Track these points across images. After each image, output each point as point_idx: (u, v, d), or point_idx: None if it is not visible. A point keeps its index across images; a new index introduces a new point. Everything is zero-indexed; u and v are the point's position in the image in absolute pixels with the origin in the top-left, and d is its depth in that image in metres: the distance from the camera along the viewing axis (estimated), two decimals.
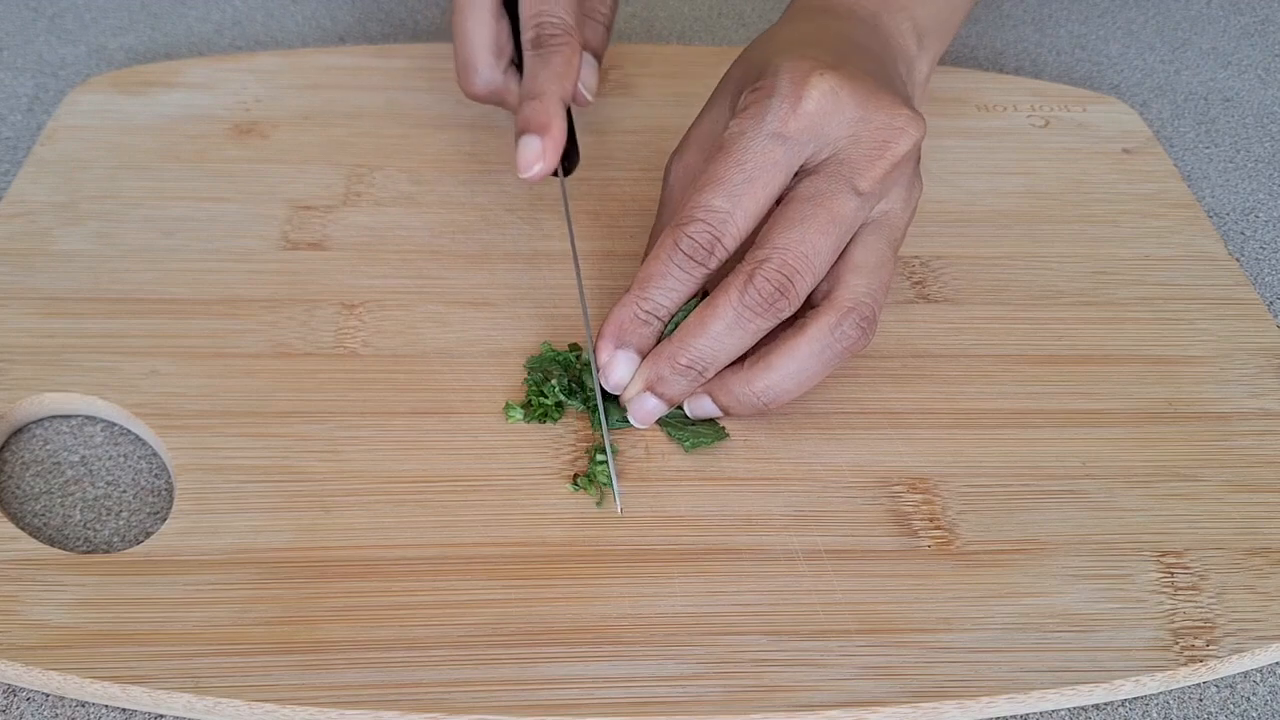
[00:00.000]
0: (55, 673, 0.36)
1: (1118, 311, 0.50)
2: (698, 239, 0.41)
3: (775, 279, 0.40)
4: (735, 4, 0.73)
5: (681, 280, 0.41)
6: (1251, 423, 0.46)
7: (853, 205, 0.41)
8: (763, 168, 0.41)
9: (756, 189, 0.41)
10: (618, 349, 0.42)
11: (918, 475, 0.43)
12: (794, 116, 0.41)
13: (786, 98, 0.41)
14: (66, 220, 0.52)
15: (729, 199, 0.40)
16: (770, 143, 0.41)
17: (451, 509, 0.41)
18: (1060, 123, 0.61)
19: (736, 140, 0.41)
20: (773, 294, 0.40)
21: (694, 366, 0.41)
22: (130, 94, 0.59)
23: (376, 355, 0.46)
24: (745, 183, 0.40)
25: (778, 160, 0.41)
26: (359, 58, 0.62)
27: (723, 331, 0.41)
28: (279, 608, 0.38)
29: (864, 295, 0.41)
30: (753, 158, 0.41)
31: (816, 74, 0.41)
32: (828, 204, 0.41)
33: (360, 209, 0.53)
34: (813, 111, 0.41)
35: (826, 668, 0.37)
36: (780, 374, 0.41)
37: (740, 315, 0.40)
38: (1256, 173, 0.62)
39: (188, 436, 0.43)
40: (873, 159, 0.41)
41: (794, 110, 0.41)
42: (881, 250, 0.42)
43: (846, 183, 0.41)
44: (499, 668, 0.37)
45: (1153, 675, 0.38)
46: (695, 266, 0.41)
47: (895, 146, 0.41)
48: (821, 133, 0.41)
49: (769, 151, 0.41)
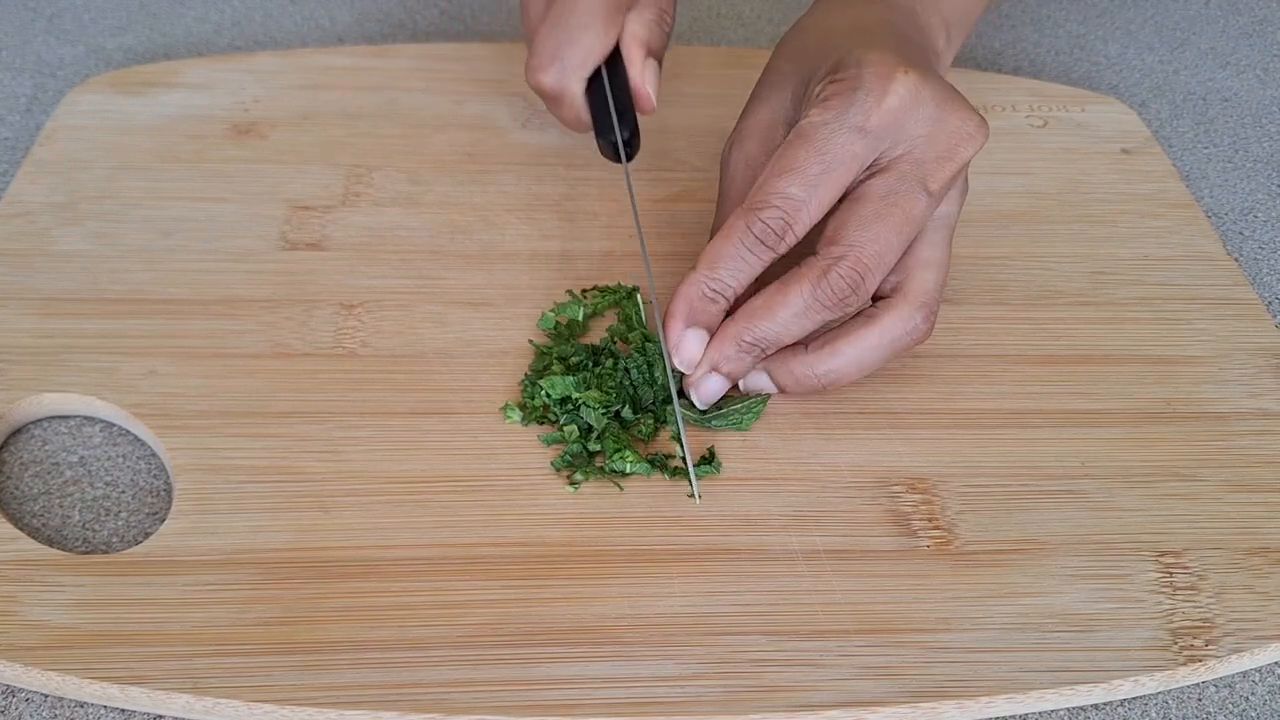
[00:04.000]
0: (54, 673, 0.36)
1: (1116, 311, 0.50)
2: (770, 224, 0.41)
3: (850, 277, 0.41)
4: (735, 4, 0.73)
5: (749, 262, 0.42)
6: (1250, 423, 0.46)
7: (924, 205, 0.42)
8: (841, 160, 0.41)
9: (832, 180, 0.41)
10: (687, 327, 0.43)
11: (917, 475, 0.43)
12: (878, 111, 0.41)
13: (872, 92, 0.41)
14: (65, 220, 0.52)
15: (805, 188, 0.41)
16: (852, 136, 0.41)
17: (451, 509, 0.41)
18: (1059, 123, 0.61)
19: (818, 130, 0.41)
20: (845, 291, 0.41)
21: (758, 344, 0.42)
22: (129, 94, 0.59)
23: (375, 355, 0.46)
24: (823, 173, 0.41)
25: (857, 154, 0.41)
26: (358, 58, 0.62)
27: (790, 319, 0.42)
28: (278, 608, 0.38)
29: (934, 290, 0.43)
30: (833, 149, 0.41)
31: (901, 71, 0.41)
32: (902, 204, 0.41)
33: (359, 209, 0.53)
34: (895, 108, 0.41)
35: (826, 668, 0.37)
36: (845, 360, 0.43)
37: (810, 306, 0.41)
38: (1255, 173, 0.62)
39: (187, 437, 0.43)
40: (944, 160, 0.42)
41: (878, 105, 0.41)
42: (944, 247, 0.44)
43: (919, 183, 0.41)
44: (498, 668, 0.37)
45: (1152, 675, 0.38)
46: (764, 250, 0.42)
47: (964, 150, 0.42)
48: (900, 130, 0.41)
49: (850, 144, 0.41)
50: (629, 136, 0.49)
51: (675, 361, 0.43)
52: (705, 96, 0.60)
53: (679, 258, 0.51)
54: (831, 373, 0.43)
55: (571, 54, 0.49)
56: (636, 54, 0.50)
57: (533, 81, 0.50)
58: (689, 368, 0.43)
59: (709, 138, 0.58)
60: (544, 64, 0.49)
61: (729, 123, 0.55)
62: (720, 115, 0.59)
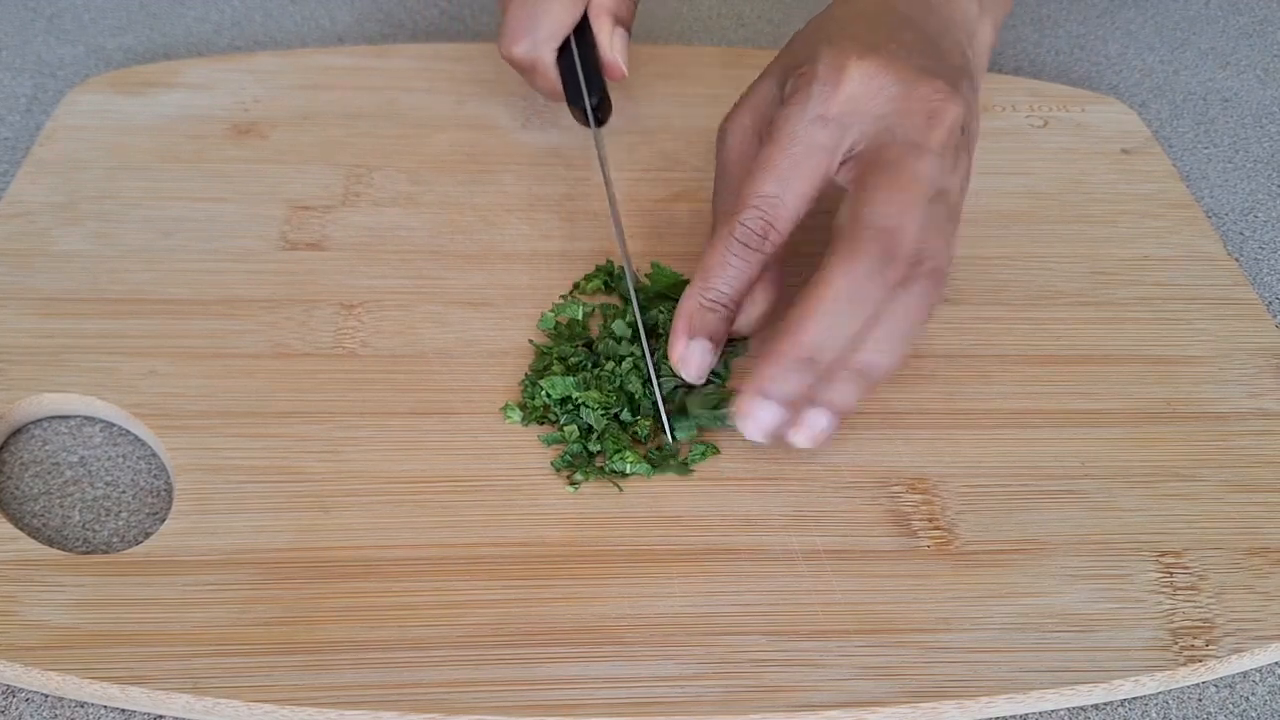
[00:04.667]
0: (54, 673, 0.36)
1: (1117, 312, 0.50)
2: (751, 226, 0.42)
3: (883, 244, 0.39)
4: (735, 4, 0.73)
5: (740, 267, 0.42)
6: (1250, 423, 0.46)
7: (930, 161, 0.41)
8: (808, 151, 0.42)
9: (803, 172, 0.42)
10: (691, 339, 0.43)
11: (917, 475, 0.43)
12: (835, 98, 0.42)
13: (827, 82, 0.42)
14: (65, 220, 0.52)
15: (779, 183, 0.42)
16: (813, 126, 0.42)
17: (451, 509, 0.41)
18: (1059, 123, 0.61)
19: (782, 126, 0.42)
20: (883, 261, 0.39)
21: (814, 358, 0.40)
22: (129, 94, 0.59)
23: (375, 355, 0.46)
24: (792, 166, 0.42)
25: (823, 142, 0.42)
26: (358, 58, 0.62)
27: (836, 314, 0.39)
28: (278, 608, 0.38)
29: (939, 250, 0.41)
30: (798, 141, 0.42)
31: (854, 58, 0.42)
32: (906, 165, 0.41)
33: (359, 209, 0.53)
34: (854, 93, 0.42)
35: (826, 668, 0.37)
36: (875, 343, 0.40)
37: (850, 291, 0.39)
38: (1255, 173, 0.62)
39: (187, 437, 0.43)
40: (930, 120, 0.42)
41: (835, 91, 0.42)
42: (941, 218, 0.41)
43: (913, 146, 0.41)
44: (499, 668, 0.37)
45: (1152, 675, 0.38)
46: (751, 253, 0.42)
47: (945, 111, 0.42)
48: (866, 112, 0.42)
49: (813, 134, 0.42)
50: (598, 103, 0.51)
51: (683, 374, 0.43)
52: (705, 96, 0.60)
53: (679, 258, 0.51)
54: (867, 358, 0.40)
55: (542, 25, 0.51)
56: (605, 23, 0.52)
57: (505, 53, 0.52)
58: (697, 380, 0.44)
59: (709, 138, 0.58)
60: (517, 36, 0.52)
61: None
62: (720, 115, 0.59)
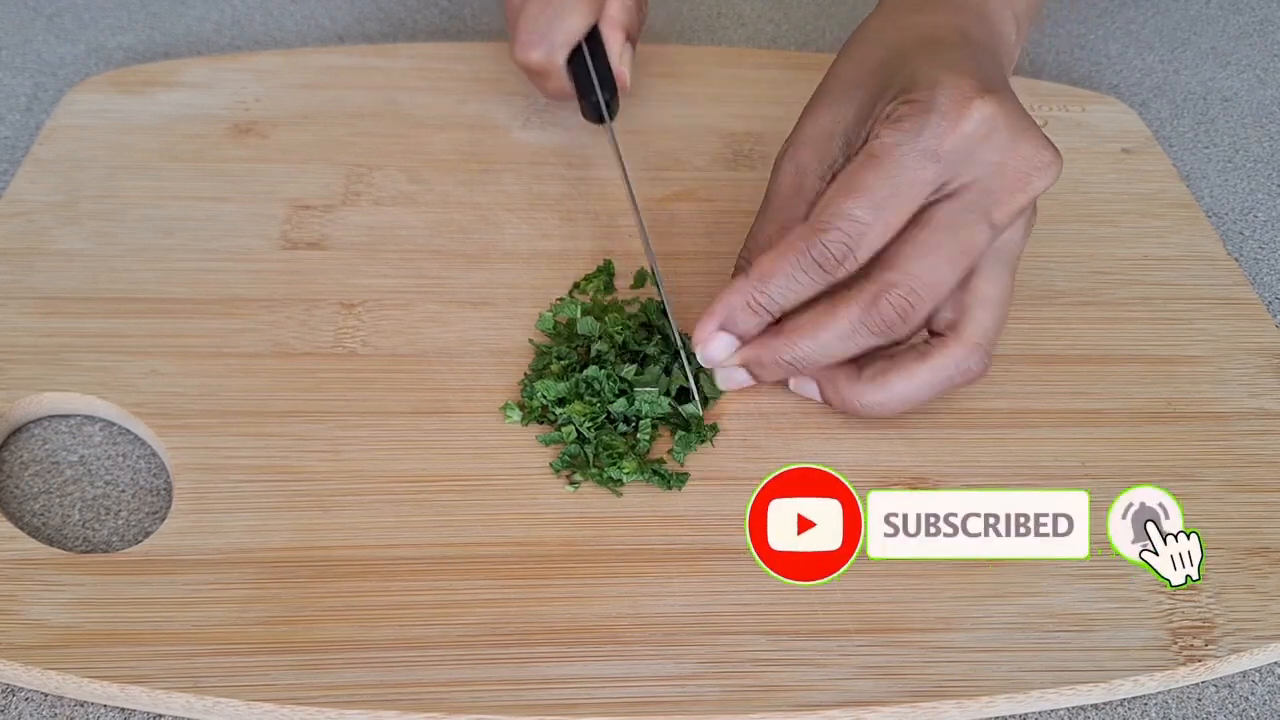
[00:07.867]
0: (54, 672, 0.36)
1: (1117, 311, 0.50)
2: (831, 249, 0.40)
3: (900, 306, 0.40)
4: (735, 4, 0.73)
5: (802, 283, 0.41)
6: (1250, 422, 0.46)
7: (985, 238, 0.41)
8: (911, 185, 0.40)
9: (900, 205, 0.40)
10: (721, 330, 0.43)
11: (917, 475, 0.43)
12: (951, 136, 0.39)
13: (947, 115, 0.39)
14: (65, 220, 0.52)
15: (872, 211, 0.40)
16: (923, 160, 0.39)
17: (450, 509, 0.41)
18: (1059, 122, 0.61)
19: (889, 152, 0.40)
20: (895, 320, 0.40)
21: (796, 364, 0.42)
22: (129, 93, 0.59)
23: (376, 355, 0.46)
24: (890, 197, 0.40)
25: (928, 179, 0.40)
26: (358, 57, 0.62)
27: (833, 340, 0.41)
28: (278, 607, 0.38)
29: (990, 330, 0.42)
30: (904, 173, 0.40)
31: (979, 97, 0.40)
32: (963, 235, 0.40)
33: (359, 209, 0.53)
34: (970, 134, 0.40)
35: (825, 667, 0.37)
36: (892, 395, 0.42)
37: (856, 331, 0.41)
38: (1255, 172, 0.62)
39: (186, 436, 0.43)
40: (1013, 192, 0.41)
41: (953, 129, 0.39)
42: (1005, 281, 0.42)
43: (984, 215, 0.40)
44: (498, 667, 0.37)
45: (1151, 675, 0.38)
46: (821, 274, 0.41)
47: (1036, 182, 0.41)
48: (972, 157, 0.40)
49: (921, 169, 0.40)
50: (610, 98, 0.54)
51: (699, 356, 0.43)
52: (705, 96, 0.60)
53: (679, 257, 0.51)
54: (878, 404, 0.42)
55: (558, 33, 0.53)
56: (617, 37, 0.54)
57: (520, 58, 0.54)
58: (708, 364, 0.44)
59: (709, 137, 0.58)
60: (534, 41, 0.53)
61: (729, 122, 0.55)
62: (720, 115, 0.60)
